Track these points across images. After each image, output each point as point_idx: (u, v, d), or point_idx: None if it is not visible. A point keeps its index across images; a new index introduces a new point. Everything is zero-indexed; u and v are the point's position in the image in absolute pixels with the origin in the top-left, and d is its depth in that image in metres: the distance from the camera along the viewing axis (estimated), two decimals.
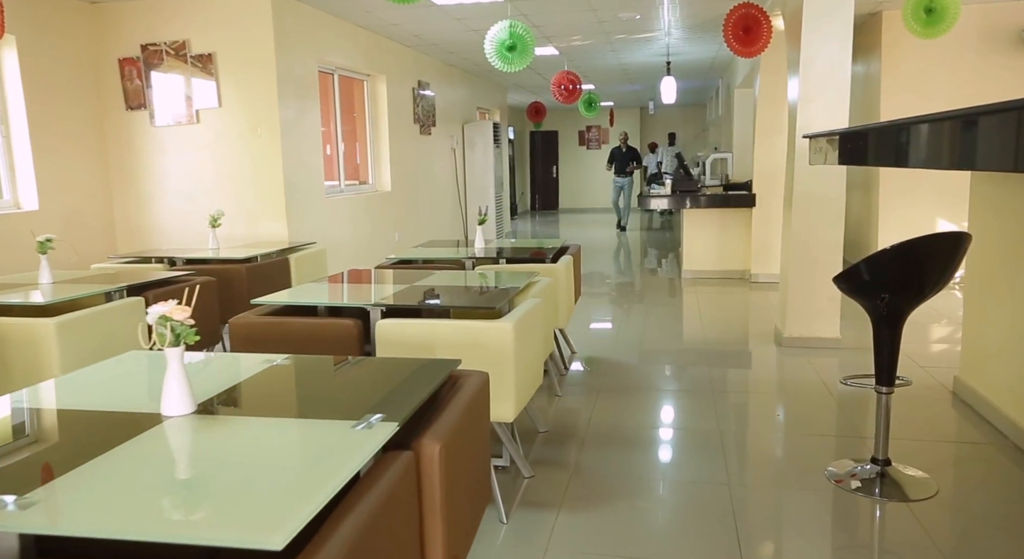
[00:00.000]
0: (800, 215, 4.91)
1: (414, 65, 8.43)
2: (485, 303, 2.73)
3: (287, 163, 5.72)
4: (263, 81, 5.56)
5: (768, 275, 7.52)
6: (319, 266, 5.25)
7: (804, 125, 4.79)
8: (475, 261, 4.24)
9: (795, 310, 5.00)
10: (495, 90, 12.44)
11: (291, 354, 1.91)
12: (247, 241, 5.74)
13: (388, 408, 1.49)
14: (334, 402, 1.60)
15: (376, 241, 7.46)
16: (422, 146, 8.77)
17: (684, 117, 18.10)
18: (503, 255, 4.44)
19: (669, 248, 10.98)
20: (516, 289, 3.00)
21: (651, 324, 5.93)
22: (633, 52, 9.02)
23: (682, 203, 7.70)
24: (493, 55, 5.70)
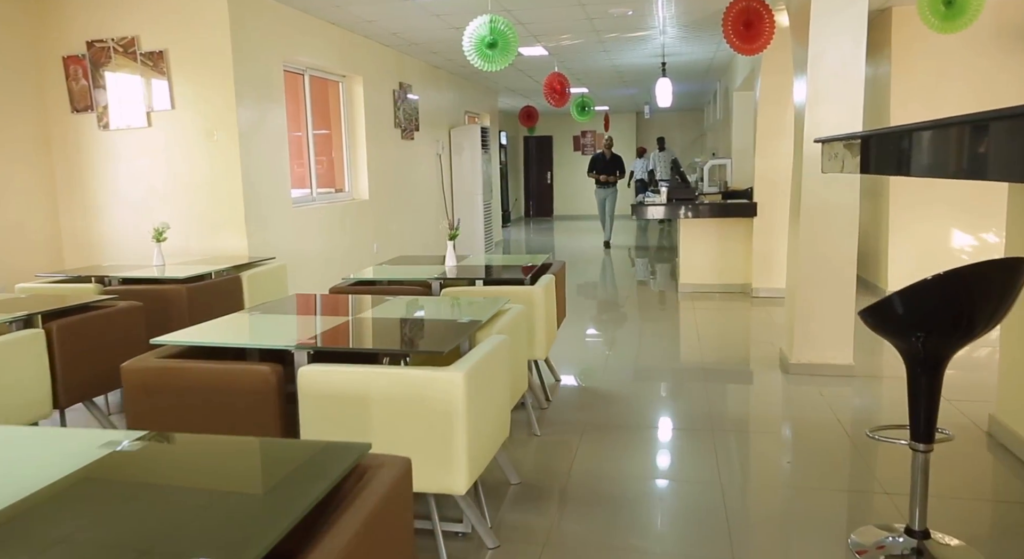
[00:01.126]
0: (809, 227, 4.43)
1: (394, 66, 7.96)
2: (433, 346, 2.24)
3: (247, 170, 5.24)
4: (219, 81, 5.08)
5: (770, 289, 7.04)
6: (278, 284, 4.76)
7: (813, 128, 4.32)
8: (443, 282, 3.75)
9: (803, 333, 4.51)
10: (485, 94, 11.98)
11: (164, 431, 1.43)
12: (204, 256, 5.25)
13: (228, 545, 1.00)
14: (151, 535, 1.09)
15: (352, 254, 6.98)
16: (404, 152, 8.29)
17: (681, 122, 17.66)
18: (476, 274, 3.95)
19: (664, 259, 10.50)
20: (477, 324, 2.51)
21: (645, 344, 5.44)
22: (626, 53, 8.56)
23: (679, 212, 7.23)
24: (472, 53, 5.23)
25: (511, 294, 3.49)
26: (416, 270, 4.12)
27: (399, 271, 4.11)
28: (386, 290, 3.65)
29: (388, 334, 2.51)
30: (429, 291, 3.69)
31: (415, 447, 2.02)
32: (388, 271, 4.10)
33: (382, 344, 2.37)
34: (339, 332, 2.44)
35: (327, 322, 2.59)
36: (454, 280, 3.78)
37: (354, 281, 3.82)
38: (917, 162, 1.89)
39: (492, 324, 2.67)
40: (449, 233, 4.02)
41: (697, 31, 7.33)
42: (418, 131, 8.70)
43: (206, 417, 2.11)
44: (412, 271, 4.08)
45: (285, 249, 5.72)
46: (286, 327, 2.59)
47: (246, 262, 4.70)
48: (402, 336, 2.52)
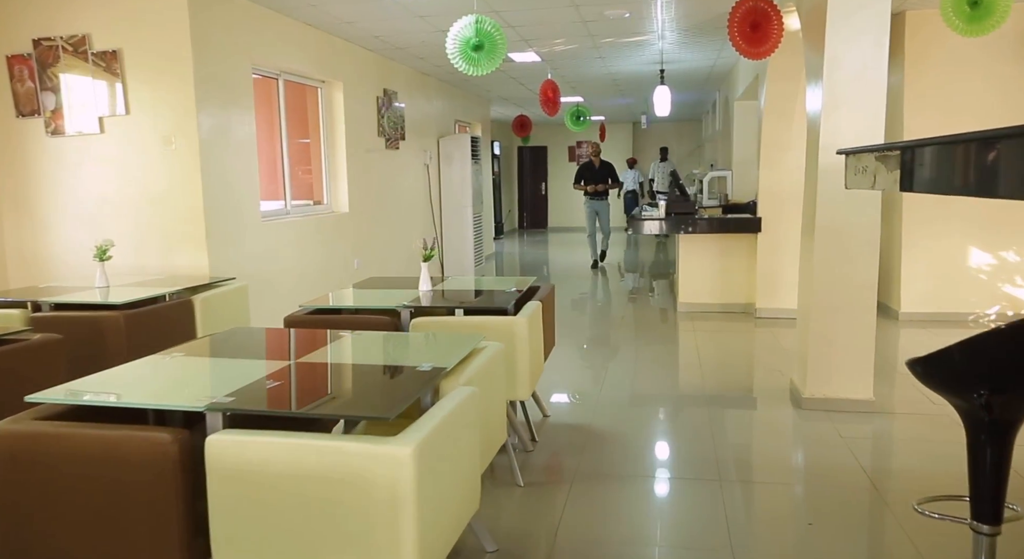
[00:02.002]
0: (824, 248, 4.00)
1: (378, 72, 7.54)
2: (377, 409, 1.79)
3: (209, 181, 4.80)
4: (178, 84, 4.65)
5: (775, 310, 6.61)
6: (237, 309, 4.31)
7: (829, 139, 3.90)
8: (415, 311, 3.30)
9: (818, 365, 4.07)
10: (476, 102, 11.58)
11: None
12: (161, 275, 4.79)
13: None
14: None
15: (330, 271, 6.53)
16: (389, 162, 7.86)
17: (679, 132, 17.29)
18: (452, 301, 3.51)
19: (662, 274, 10.07)
20: (440, 372, 2.06)
21: (642, 371, 5.00)
22: (624, 59, 8.16)
23: (678, 227, 6.80)
24: (456, 55, 4.83)
25: (490, 327, 3.05)
26: (386, 295, 3.67)
27: (367, 297, 3.66)
28: (347, 321, 3.20)
29: (332, 386, 2.05)
30: (398, 321, 3.25)
31: (353, 543, 1.57)
32: (354, 297, 3.65)
33: (316, 403, 1.91)
34: (261, 388, 1.99)
35: (261, 368, 2.14)
36: (427, 309, 3.33)
37: (312, 309, 3.36)
38: (1008, 179, 1.46)
39: (463, 368, 2.22)
40: (423, 254, 3.58)
41: (697, 36, 6.93)
42: (404, 140, 8.27)
43: (86, 501, 1.66)
44: (381, 297, 3.63)
45: (253, 267, 5.27)
46: (208, 376, 2.14)
47: (202, 283, 4.24)
48: (347, 390, 2.06)
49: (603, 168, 10.36)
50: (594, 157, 10.41)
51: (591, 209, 10.44)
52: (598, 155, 10.44)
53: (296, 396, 1.92)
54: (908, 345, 5.61)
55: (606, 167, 10.39)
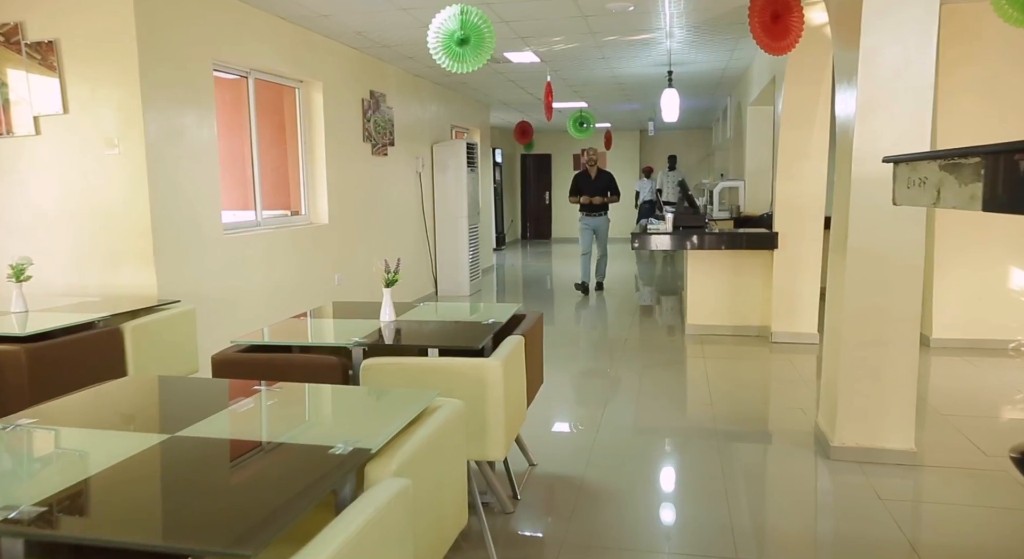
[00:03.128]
0: (859, 273, 3.42)
1: (364, 72, 7.02)
2: (224, 543, 1.21)
3: (158, 189, 4.26)
4: (122, 80, 4.12)
5: (793, 334, 6.02)
6: (181, 337, 3.75)
7: (865, 145, 3.33)
8: (368, 349, 2.74)
9: (849, 408, 3.49)
10: (475, 107, 11.05)
11: None
12: (98, 296, 4.25)
13: None
14: None
15: (307, 287, 5.97)
16: (376, 169, 7.32)
17: (687, 141, 16.74)
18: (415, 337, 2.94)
19: (668, 289, 9.47)
20: (363, 456, 1.50)
21: (645, 408, 4.41)
22: (629, 60, 7.61)
23: (687, 242, 6.23)
24: (439, 50, 4.32)
25: (457, 372, 2.48)
26: (341, 327, 3.11)
27: (317, 329, 3.10)
28: (285, 363, 2.64)
29: (189, 488, 1.48)
30: (348, 361, 2.68)
31: None
32: (299, 330, 3.09)
33: (146, 532, 1.31)
34: (104, 482, 1.42)
35: (108, 453, 1.57)
36: (382, 347, 2.76)
37: (247, 346, 2.80)
38: None
39: (404, 441, 1.66)
40: (384, 278, 3.02)
41: (709, 34, 6.38)
42: (393, 146, 7.73)
43: None
44: (333, 329, 3.07)
45: (212, 286, 4.73)
46: (24, 467, 1.57)
47: (143, 306, 3.69)
48: (205, 501, 1.48)
49: (601, 178, 8.83)
50: (590, 166, 8.86)
51: (587, 226, 8.88)
52: (595, 163, 8.87)
53: (124, 513, 1.34)
54: (944, 378, 5.01)
55: (605, 177, 8.86)
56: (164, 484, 1.44)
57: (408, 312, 3.36)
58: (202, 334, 4.48)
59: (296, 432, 1.70)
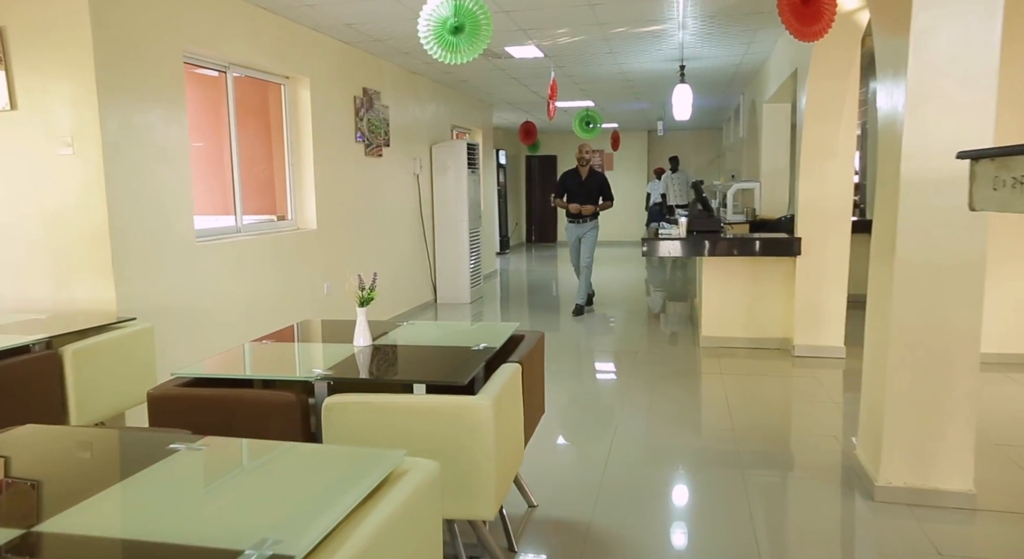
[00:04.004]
0: (909, 287, 2.96)
1: (356, 68, 6.59)
2: None
3: (117, 194, 3.84)
4: (77, 73, 3.70)
5: (817, 348, 5.56)
6: (135, 360, 3.33)
7: (916, 141, 2.88)
8: (334, 383, 2.30)
9: (896, 441, 3.03)
10: (476, 107, 10.62)
11: None
12: (45, 313, 3.84)
13: None
14: None
15: (293, 297, 5.55)
16: (369, 171, 6.90)
17: (697, 141, 16.28)
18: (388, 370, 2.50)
19: (678, 295, 9.01)
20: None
21: (657, 433, 3.96)
22: (638, 55, 7.17)
23: (701, 248, 5.77)
24: (430, 39, 3.91)
25: (438, 412, 2.05)
26: (308, 353, 2.67)
27: (279, 354, 2.66)
28: (234, 400, 2.20)
29: None
30: (309, 398, 2.25)
31: None
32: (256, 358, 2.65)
33: None
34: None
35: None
36: (350, 381, 2.32)
37: (191, 379, 2.37)
38: None
39: (350, 531, 1.22)
40: (358, 296, 2.58)
41: (724, 25, 5.93)
42: (388, 147, 7.31)
43: None
44: (298, 355, 2.63)
45: (183, 299, 4.31)
46: None
47: (92, 325, 3.27)
48: None
49: (593, 180, 7.50)
50: (581, 165, 7.50)
51: (574, 235, 7.60)
52: (588, 162, 7.51)
53: None
54: (995, 399, 4.53)
55: (597, 179, 7.53)
56: None
57: (389, 334, 2.91)
58: (169, 354, 4.06)
59: (198, 525, 1.26)
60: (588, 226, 7.54)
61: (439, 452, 2.06)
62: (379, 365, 2.49)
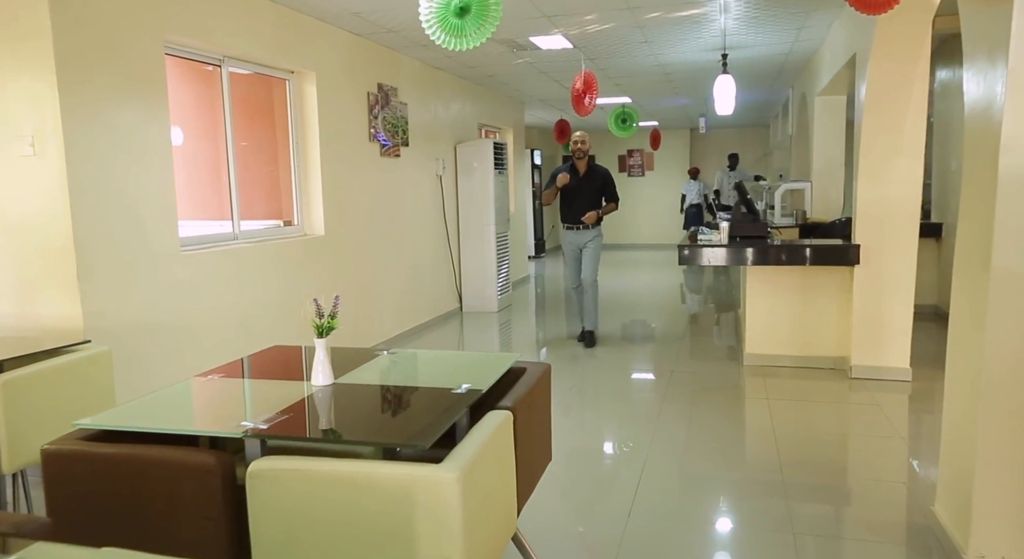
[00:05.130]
0: (1012, 307, 2.36)
1: (369, 62, 6.16)
2: None
3: (83, 199, 3.45)
4: (36, 64, 3.32)
5: (877, 369, 4.93)
6: (88, 392, 2.91)
7: (1019, 131, 2.28)
8: (268, 440, 1.81)
9: (993, 510, 2.43)
10: (506, 104, 10.13)
11: None
12: (15, 329, 3.47)
13: None
14: None
15: (295, 311, 5.13)
16: (386, 172, 6.46)
17: (742, 139, 15.50)
18: (342, 419, 2.01)
19: (721, 300, 8.36)
20: None
21: (692, 475, 3.40)
22: (676, 44, 6.59)
23: (745, 257, 5.17)
24: (433, 22, 3.47)
25: (387, 489, 1.55)
26: (256, 394, 2.20)
27: (217, 395, 2.19)
28: (139, 462, 1.74)
29: None
30: (236, 461, 1.77)
31: None
32: (196, 398, 2.18)
33: None
34: None
35: None
36: (285, 443, 1.84)
37: (100, 431, 1.91)
38: None
39: None
40: (314, 324, 2.10)
41: (773, 8, 5.32)
42: (407, 146, 6.86)
43: None
44: (238, 398, 2.16)
45: (162, 315, 3.91)
46: None
47: (42, 349, 2.86)
48: None
49: (594, 176, 6.17)
50: (577, 158, 6.13)
51: (571, 245, 6.28)
52: (586, 154, 6.12)
53: None
54: None
55: (599, 175, 6.20)
56: None
57: (360, 368, 2.42)
58: (145, 380, 3.65)
59: None
60: (590, 234, 6.19)
61: (394, 535, 1.57)
62: (333, 414, 2.00)
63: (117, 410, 2.02)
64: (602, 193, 6.21)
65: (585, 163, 6.20)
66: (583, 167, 6.20)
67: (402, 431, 1.88)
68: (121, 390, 3.36)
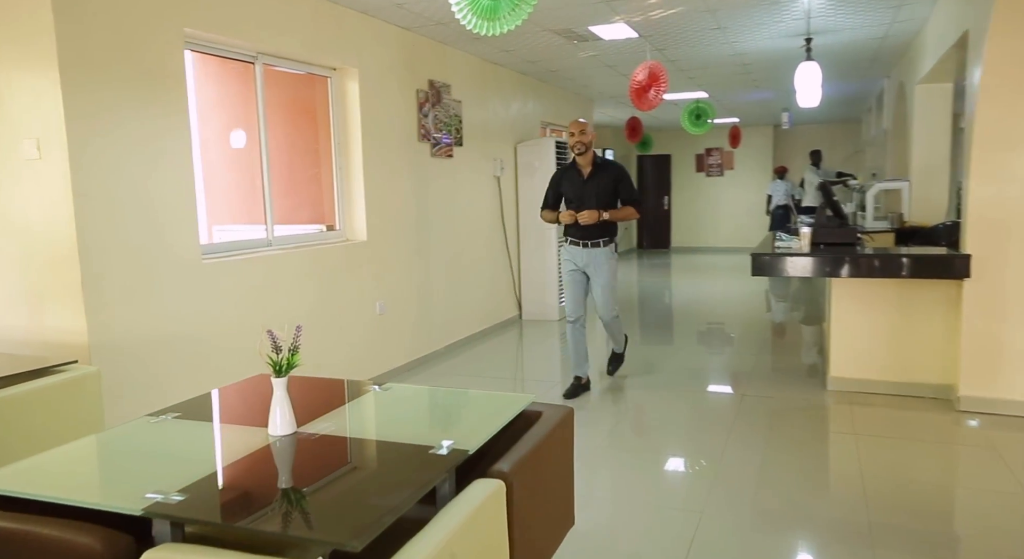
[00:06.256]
0: None
1: (417, 58, 5.82)
2: None
3: (88, 204, 3.21)
4: (39, 62, 3.10)
5: (992, 400, 4.21)
6: (77, 416, 2.64)
7: None
8: (178, 521, 1.43)
9: None
10: (572, 101, 9.65)
11: None
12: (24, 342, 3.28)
13: None
14: None
15: (336, 322, 4.83)
16: (437, 173, 6.11)
17: (830, 136, 14.44)
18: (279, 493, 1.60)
19: (808, 315, 7.61)
20: None
21: (757, 540, 2.84)
22: (753, 30, 5.96)
23: (829, 267, 4.53)
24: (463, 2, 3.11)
25: None
26: (201, 444, 1.83)
27: (166, 442, 1.83)
28: (18, 538, 1.39)
29: None
30: (139, 546, 1.39)
31: None
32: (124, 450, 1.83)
33: None
34: None
35: None
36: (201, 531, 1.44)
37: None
38: None
39: None
40: (269, 361, 1.72)
41: None
42: (461, 146, 6.50)
43: None
44: (194, 446, 1.79)
45: (178, 329, 3.66)
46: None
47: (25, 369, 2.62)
48: None
49: (601, 175, 4.63)
50: (578, 153, 4.62)
51: (571, 264, 4.79)
52: (588, 148, 4.59)
53: None
54: None
55: (605, 173, 4.64)
56: None
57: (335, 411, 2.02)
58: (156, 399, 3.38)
59: None
60: (599, 253, 4.65)
61: None
62: (264, 487, 1.59)
63: (10, 468, 1.68)
64: (615, 196, 4.64)
65: (589, 159, 4.60)
66: (586, 165, 4.63)
67: (338, 523, 1.45)
68: (129, 410, 3.11)
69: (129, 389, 3.34)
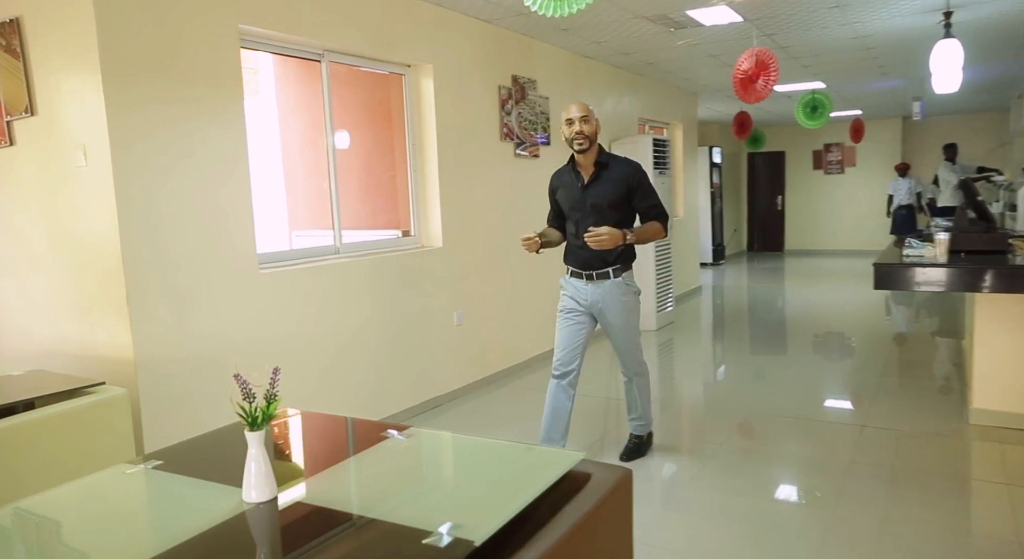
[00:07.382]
0: None
1: (500, 52, 5.48)
2: None
3: (132, 213, 3.06)
4: (82, 64, 2.97)
5: None
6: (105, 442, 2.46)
7: None
8: None
9: None
10: (674, 96, 9.03)
11: None
12: (75, 355, 3.17)
13: None
14: None
15: (410, 334, 4.57)
16: (521, 175, 5.75)
17: (969, 127, 12.98)
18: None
19: (942, 327, 6.68)
20: None
21: None
22: (878, 7, 5.23)
23: (971, 280, 3.81)
24: None
25: None
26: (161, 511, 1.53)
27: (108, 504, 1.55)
28: None
29: None
30: None
31: None
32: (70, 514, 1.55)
33: None
34: None
35: None
36: None
37: None
38: None
39: None
40: (241, 410, 1.40)
41: None
42: (548, 145, 6.11)
43: None
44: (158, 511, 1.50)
45: (232, 342, 3.47)
46: None
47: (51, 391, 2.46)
48: None
49: (607, 178, 3.36)
50: (578, 150, 3.34)
51: (572, 302, 3.55)
52: (591, 142, 3.32)
53: None
54: None
55: (614, 176, 3.35)
56: None
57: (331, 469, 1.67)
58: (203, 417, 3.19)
59: None
60: (610, 287, 3.41)
61: None
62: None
63: None
64: (627, 208, 3.40)
65: (591, 158, 3.38)
66: (587, 165, 3.41)
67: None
68: (172, 433, 2.93)
69: (174, 409, 3.17)
